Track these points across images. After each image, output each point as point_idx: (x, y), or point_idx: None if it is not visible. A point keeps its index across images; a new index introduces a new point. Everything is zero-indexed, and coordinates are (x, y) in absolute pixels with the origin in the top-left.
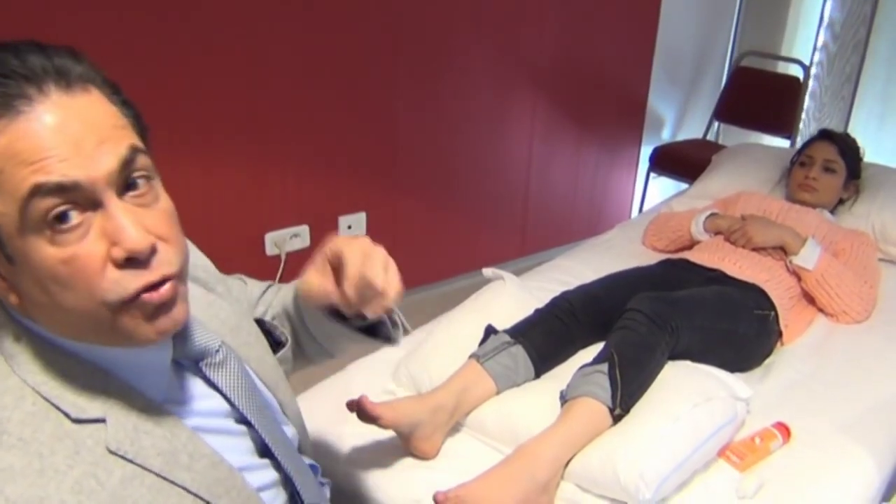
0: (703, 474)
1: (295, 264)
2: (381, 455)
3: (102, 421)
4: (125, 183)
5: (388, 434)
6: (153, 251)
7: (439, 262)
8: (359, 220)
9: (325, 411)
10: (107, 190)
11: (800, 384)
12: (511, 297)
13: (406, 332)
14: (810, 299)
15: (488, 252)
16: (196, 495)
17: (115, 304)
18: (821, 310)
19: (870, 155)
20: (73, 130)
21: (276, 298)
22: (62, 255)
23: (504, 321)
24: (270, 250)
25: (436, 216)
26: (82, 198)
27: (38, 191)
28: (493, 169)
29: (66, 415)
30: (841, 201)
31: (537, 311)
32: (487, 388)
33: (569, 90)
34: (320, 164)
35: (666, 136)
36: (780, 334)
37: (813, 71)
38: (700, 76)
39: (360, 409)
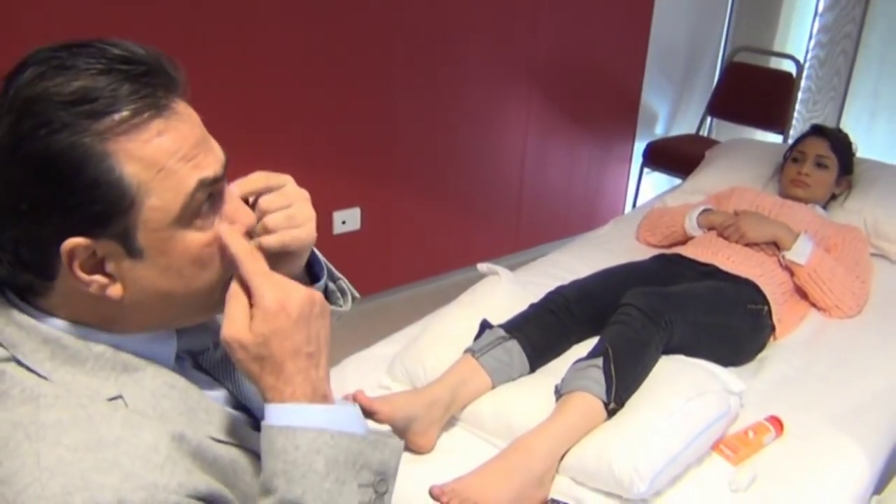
0: (696, 468)
1: None
2: None
3: (119, 398)
4: None
5: (383, 429)
6: None
7: (434, 258)
8: (353, 215)
9: None
10: (225, 180)
11: (792, 378)
12: (506, 291)
13: (354, 298)
14: (803, 294)
15: (483, 247)
16: (224, 441)
17: (229, 276)
18: (813, 304)
19: (862, 150)
20: (198, 128)
21: None
22: (207, 239)
23: (499, 316)
24: None
25: (430, 211)
26: (218, 189)
27: (202, 185)
28: (488, 164)
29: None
30: (833, 197)
31: (532, 306)
32: (483, 382)
33: (563, 86)
34: (314, 160)
35: (659, 131)
36: (773, 329)
37: (806, 66)
38: (693, 72)
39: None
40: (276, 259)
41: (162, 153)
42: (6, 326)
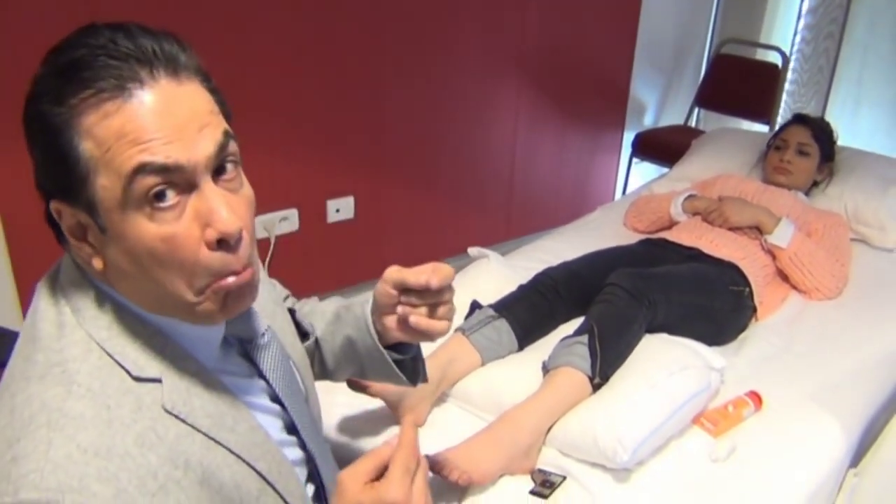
0: (678, 439)
1: (284, 247)
2: (370, 424)
3: (159, 381)
4: (218, 167)
5: (377, 403)
6: (241, 237)
7: (426, 245)
8: (347, 203)
9: (316, 382)
10: (204, 173)
11: (772, 356)
12: (495, 274)
13: (425, 379)
14: (784, 277)
15: (474, 236)
16: (238, 455)
17: (202, 285)
18: (794, 287)
19: (846, 139)
20: (178, 115)
21: (321, 305)
22: (161, 233)
23: (489, 297)
24: (260, 233)
25: (422, 200)
26: (181, 179)
27: (143, 169)
28: (479, 154)
29: (128, 372)
30: (815, 183)
31: (520, 287)
32: (473, 359)
33: (553, 77)
34: (308, 149)
35: (648, 122)
36: (754, 310)
37: (791, 58)
38: (681, 63)
39: (350, 378)
40: (410, 332)
41: (111, 134)
42: (76, 292)
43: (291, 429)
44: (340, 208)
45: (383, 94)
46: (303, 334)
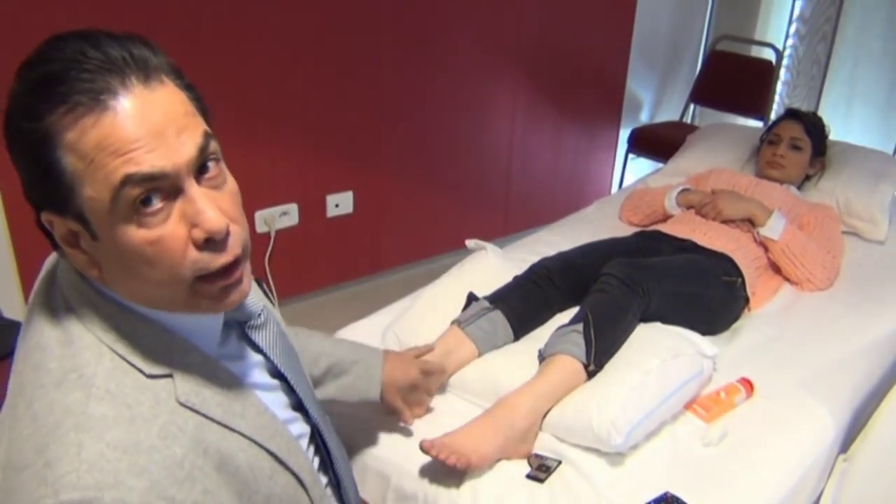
0: (671, 425)
1: (284, 242)
2: (371, 411)
3: (170, 377)
4: (200, 167)
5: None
6: (228, 233)
7: (424, 241)
8: (346, 198)
9: None
10: (187, 176)
11: (764, 345)
12: (492, 266)
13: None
14: (777, 269)
15: (472, 232)
16: (251, 439)
17: (191, 280)
18: (786, 278)
19: (839, 135)
20: (155, 122)
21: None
22: (149, 237)
23: (486, 289)
24: (260, 228)
25: (420, 196)
26: (167, 185)
27: (129, 180)
28: (477, 150)
29: (140, 371)
30: (808, 177)
31: (516, 278)
32: (469, 351)
33: (549, 73)
34: (308, 145)
35: (644, 118)
36: (747, 300)
37: (785, 55)
38: (677, 60)
39: None
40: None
41: (91, 147)
42: (77, 297)
43: (295, 403)
44: (339, 203)
45: (382, 90)
46: None
